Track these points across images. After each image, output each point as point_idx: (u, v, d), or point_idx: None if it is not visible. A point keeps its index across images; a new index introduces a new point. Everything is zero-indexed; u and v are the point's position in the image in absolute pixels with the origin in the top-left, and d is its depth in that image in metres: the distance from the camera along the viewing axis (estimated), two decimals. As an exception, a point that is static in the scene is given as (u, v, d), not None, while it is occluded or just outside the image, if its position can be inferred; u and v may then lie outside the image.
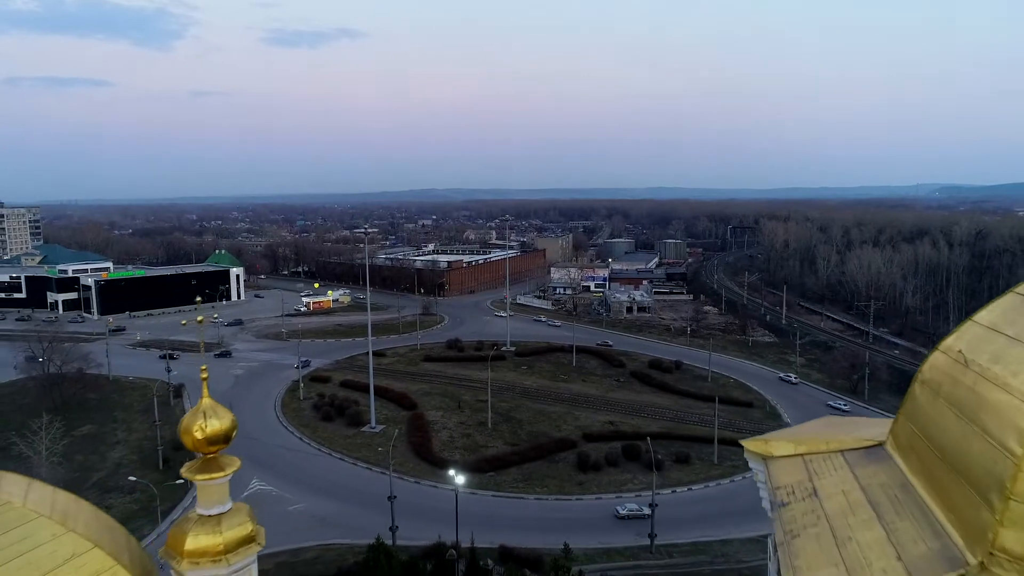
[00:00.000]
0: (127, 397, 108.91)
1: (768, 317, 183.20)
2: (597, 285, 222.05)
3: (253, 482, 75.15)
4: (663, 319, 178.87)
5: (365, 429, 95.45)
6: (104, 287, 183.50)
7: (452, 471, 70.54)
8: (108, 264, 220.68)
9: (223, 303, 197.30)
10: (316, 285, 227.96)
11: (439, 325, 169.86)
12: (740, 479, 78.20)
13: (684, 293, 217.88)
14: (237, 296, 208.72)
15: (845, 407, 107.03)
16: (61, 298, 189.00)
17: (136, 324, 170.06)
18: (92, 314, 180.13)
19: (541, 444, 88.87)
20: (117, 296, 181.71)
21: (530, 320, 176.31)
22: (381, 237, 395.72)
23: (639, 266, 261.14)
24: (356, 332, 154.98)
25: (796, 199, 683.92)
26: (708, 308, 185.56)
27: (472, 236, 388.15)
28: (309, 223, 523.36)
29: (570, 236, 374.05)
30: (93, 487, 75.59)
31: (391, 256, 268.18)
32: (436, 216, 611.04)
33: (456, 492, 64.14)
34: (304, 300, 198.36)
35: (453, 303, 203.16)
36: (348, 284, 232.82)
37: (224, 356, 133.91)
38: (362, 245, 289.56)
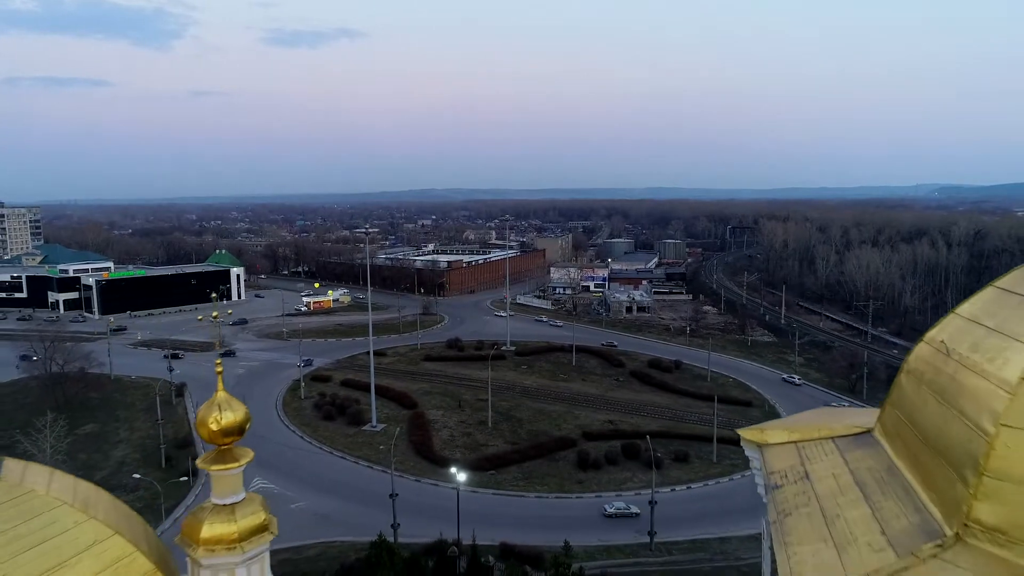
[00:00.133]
0: (129, 396, 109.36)
1: (767, 317, 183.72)
2: (597, 285, 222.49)
3: (255, 480, 75.55)
4: (662, 319, 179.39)
5: (366, 428, 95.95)
6: (105, 287, 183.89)
7: (453, 468, 71.15)
8: (109, 264, 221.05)
9: (223, 303, 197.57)
10: (316, 285, 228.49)
11: (439, 325, 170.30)
12: (739, 477, 78.75)
13: (683, 293, 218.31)
14: (238, 296, 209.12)
15: (846, 407, 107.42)
16: (62, 298, 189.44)
17: (137, 324, 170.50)
18: (93, 314, 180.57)
19: (541, 443, 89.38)
20: (118, 296, 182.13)
21: (530, 320, 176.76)
22: (381, 237, 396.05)
23: (638, 266, 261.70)
24: (356, 332, 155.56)
25: (795, 199, 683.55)
26: (707, 308, 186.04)
27: (472, 236, 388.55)
28: (309, 223, 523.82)
29: (570, 236, 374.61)
30: (97, 485, 75.90)
31: (391, 256, 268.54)
32: (436, 216, 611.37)
33: (457, 490, 64.63)
34: (304, 300, 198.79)
35: (453, 303, 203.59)
36: (348, 284, 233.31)
37: (228, 355, 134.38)
38: (362, 245, 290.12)
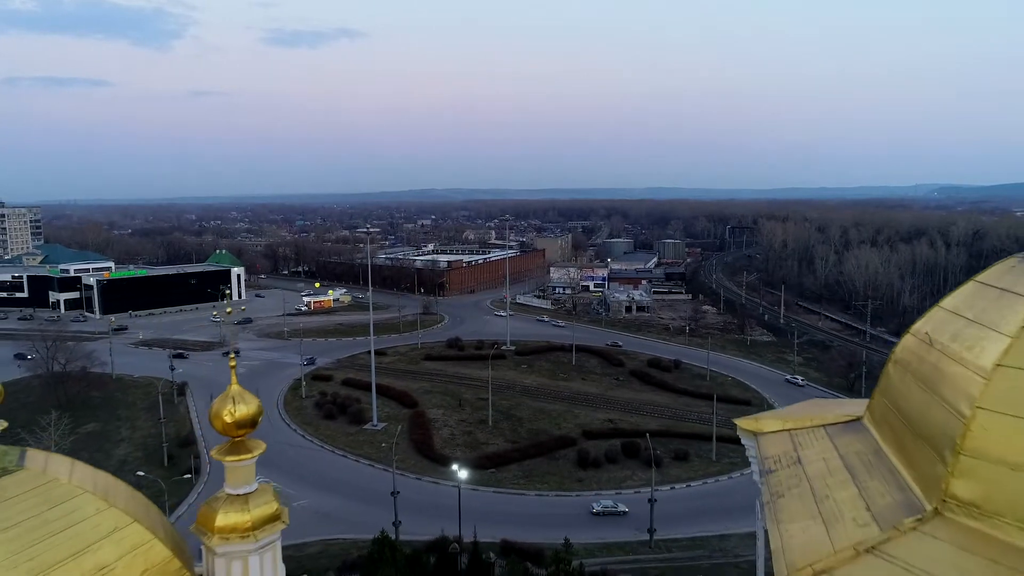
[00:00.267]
0: (131, 395, 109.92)
1: (766, 316, 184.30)
2: (596, 285, 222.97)
3: (257, 478, 76.01)
4: (662, 318, 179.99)
5: (367, 427, 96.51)
6: (106, 287, 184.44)
7: (455, 465, 71.65)
8: (109, 264, 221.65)
9: (224, 302, 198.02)
10: (317, 285, 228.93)
11: (439, 324, 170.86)
12: (738, 476, 79.33)
13: (683, 293, 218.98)
14: (238, 296, 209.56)
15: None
16: (63, 297, 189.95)
17: (138, 323, 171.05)
18: (94, 313, 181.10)
19: (541, 441, 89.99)
20: (119, 296, 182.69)
21: (529, 320, 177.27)
22: (381, 237, 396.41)
23: (638, 266, 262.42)
24: (357, 331, 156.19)
25: (795, 199, 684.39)
26: (707, 308, 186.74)
27: (471, 236, 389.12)
28: (308, 223, 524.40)
29: (569, 236, 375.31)
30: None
31: (391, 256, 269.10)
32: (435, 216, 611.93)
33: (459, 487, 65.13)
34: (305, 300, 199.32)
35: (453, 303, 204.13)
36: (348, 284, 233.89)
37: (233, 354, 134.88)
38: (362, 245, 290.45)
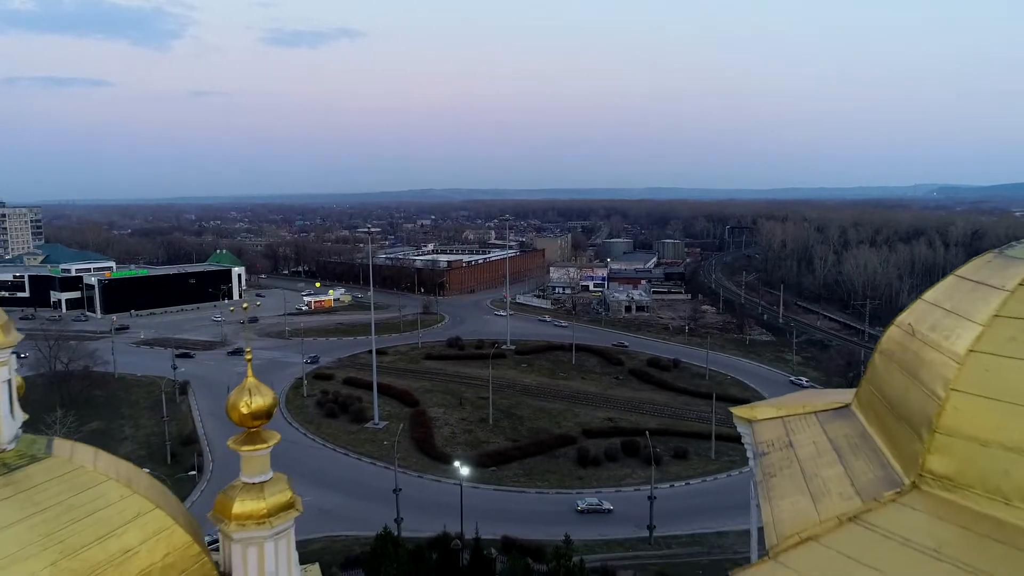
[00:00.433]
0: (133, 394, 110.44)
1: (765, 316, 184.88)
2: (596, 285, 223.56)
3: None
4: (661, 318, 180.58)
5: (368, 425, 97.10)
6: (107, 286, 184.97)
7: (457, 462, 72.25)
8: (110, 264, 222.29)
9: (225, 302, 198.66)
10: (317, 284, 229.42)
11: (439, 324, 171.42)
12: (736, 474, 79.90)
13: (682, 292, 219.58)
14: (239, 295, 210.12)
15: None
16: (64, 297, 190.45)
17: (139, 323, 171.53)
18: (95, 313, 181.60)
19: (542, 440, 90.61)
20: (120, 295, 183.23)
21: (529, 319, 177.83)
22: (381, 237, 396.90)
23: (637, 266, 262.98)
24: (357, 331, 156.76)
25: (794, 199, 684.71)
26: (706, 307, 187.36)
27: (471, 236, 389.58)
28: (308, 223, 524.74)
29: (569, 236, 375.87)
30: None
31: (391, 256, 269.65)
32: (435, 216, 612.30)
33: (461, 484, 65.73)
34: (306, 299, 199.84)
35: (453, 302, 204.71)
36: (348, 283, 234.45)
37: (237, 353, 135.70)
38: (362, 245, 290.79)
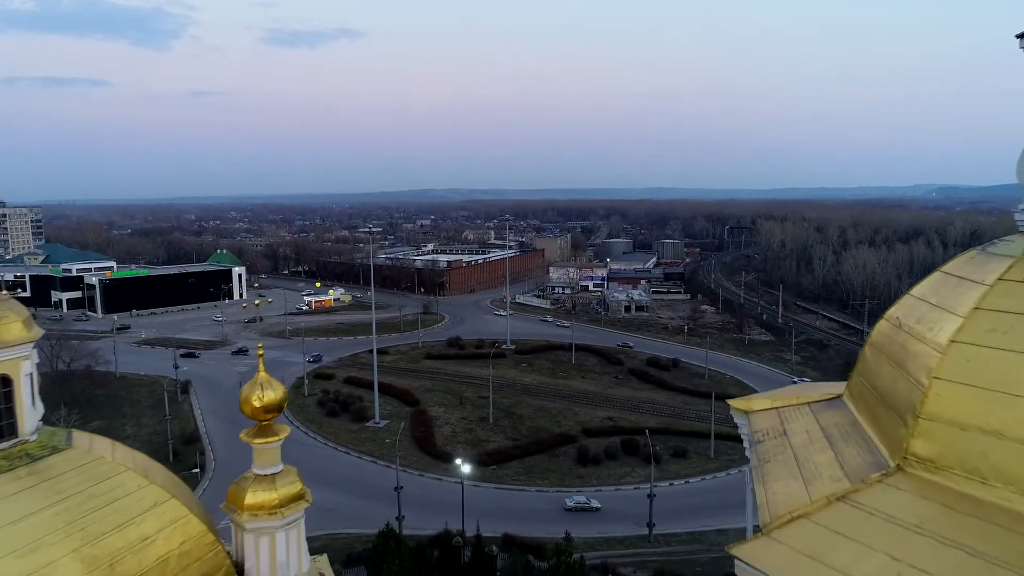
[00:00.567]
0: (135, 393, 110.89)
1: (764, 316, 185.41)
2: (595, 285, 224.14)
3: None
4: (661, 318, 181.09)
5: (369, 424, 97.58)
6: (108, 286, 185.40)
7: (459, 460, 72.69)
8: (111, 264, 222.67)
9: (226, 302, 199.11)
10: (318, 284, 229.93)
11: (440, 324, 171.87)
12: (736, 472, 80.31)
13: (682, 292, 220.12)
14: (239, 295, 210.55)
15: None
16: (65, 297, 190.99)
17: (140, 322, 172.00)
18: (96, 313, 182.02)
19: (542, 439, 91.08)
20: (121, 295, 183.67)
21: (529, 319, 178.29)
22: (380, 237, 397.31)
23: (637, 266, 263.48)
24: (358, 330, 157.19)
25: (793, 199, 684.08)
26: (705, 307, 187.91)
27: (471, 236, 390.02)
28: (308, 223, 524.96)
29: (568, 236, 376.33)
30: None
31: (391, 256, 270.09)
32: (435, 216, 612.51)
33: (462, 482, 66.18)
34: (306, 299, 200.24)
35: (453, 302, 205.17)
36: (348, 283, 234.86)
37: (241, 353, 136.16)
38: (362, 245, 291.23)
